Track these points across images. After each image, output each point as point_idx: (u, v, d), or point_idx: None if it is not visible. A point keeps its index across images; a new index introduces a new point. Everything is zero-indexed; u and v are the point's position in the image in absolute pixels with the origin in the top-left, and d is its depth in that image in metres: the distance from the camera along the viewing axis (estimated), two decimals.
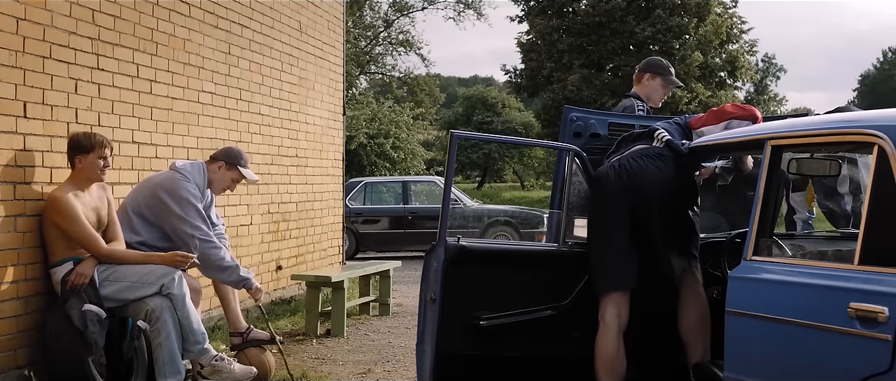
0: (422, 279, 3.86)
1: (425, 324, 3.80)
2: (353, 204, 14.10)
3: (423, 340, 3.81)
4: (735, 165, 4.62)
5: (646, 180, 3.76)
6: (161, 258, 4.63)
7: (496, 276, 3.86)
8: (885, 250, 2.65)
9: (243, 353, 5.13)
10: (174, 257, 4.63)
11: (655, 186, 3.75)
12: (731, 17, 31.46)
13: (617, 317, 3.77)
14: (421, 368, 3.85)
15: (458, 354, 3.78)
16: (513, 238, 13.65)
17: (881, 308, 2.52)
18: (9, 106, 4.32)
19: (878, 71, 62.69)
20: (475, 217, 14.33)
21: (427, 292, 3.79)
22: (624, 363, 3.75)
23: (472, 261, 3.80)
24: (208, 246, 4.81)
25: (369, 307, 7.98)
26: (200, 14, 6.19)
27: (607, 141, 4.44)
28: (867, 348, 2.55)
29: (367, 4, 35.44)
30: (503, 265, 3.94)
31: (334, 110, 8.77)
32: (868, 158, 2.84)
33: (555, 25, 30.83)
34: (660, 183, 3.76)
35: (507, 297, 3.87)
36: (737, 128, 3.85)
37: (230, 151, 5.24)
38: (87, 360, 4.33)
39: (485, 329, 3.78)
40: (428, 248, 3.84)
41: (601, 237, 3.86)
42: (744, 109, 4.03)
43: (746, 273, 3.12)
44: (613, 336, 3.74)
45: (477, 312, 3.79)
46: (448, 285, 3.68)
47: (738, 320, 3.09)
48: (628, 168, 3.82)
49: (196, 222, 4.79)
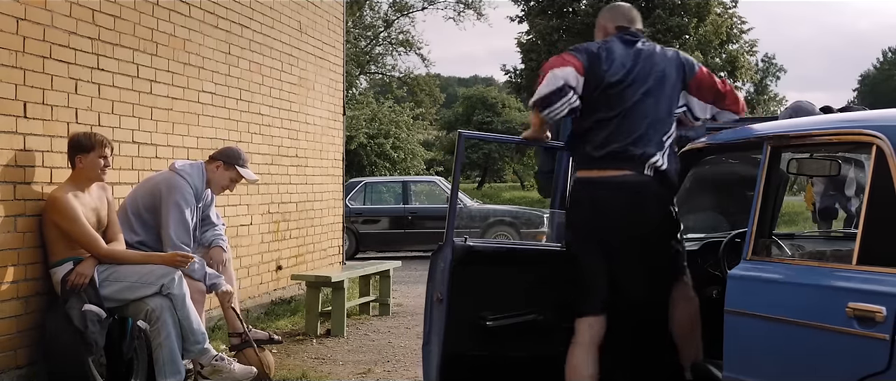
0: (428, 280, 3.82)
1: (432, 325, 3.77)
2: (353, 204, 14.10)
3: (430, 340, 3.78)
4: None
5: (617, 214, 3.49)
6: (161, 259, 4.63)
7: (502, 276, 3.85)
8: (883, 249, 2.66)
9: (243, 353, 5.13)
10: (174, 258, 4.63)
11: (628, 221, 3.48)
12: (731, 17, 31.46)
13: (588, 332, 3.58)
14: (427, 368, 3.83)
15: (465, 354, 3.77)
16: (513, 238, 13.66)
17: (879, 308, 2.52)
18: (9, 106, 4.33)
19: (878, 71, 62.67)
20: (476, 217, 14.34)
21: (433, 293, 3.76)
22: (595, 375, 3.58)
23: (480, 261, 3.78)
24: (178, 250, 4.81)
25: (369, 307, 7.99)
26: (200, 14, 6.20)
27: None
28: (865, 347, 2.55)
29: (367, 4, 35.45)
30: (509, 265, 3.92)
31: (334, 110, 8.77)
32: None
33: (555, 25, 30.81)
34: (634, 220, 3.48)
35: (513, 297, 3.86)
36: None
37: (229, 151, 5.25)
38: (87, 360, 4.33)
39: (491, 330, 3.77)
40: (434, 248, 3.80)
41: (574, 259, 3.68)
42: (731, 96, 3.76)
43: (746, 273, 3.13)
44: (583, 351, 3.57)
45: (483, 312, 3.77)
46: (455, 286, 3.67)
47: (737, 319, 3.09)
48: (601, 199, 3.53)
49: (177, 226, 4.81)
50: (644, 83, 3.53)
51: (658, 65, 3.58)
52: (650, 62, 3.58)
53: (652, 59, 3.59)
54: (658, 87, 3.56)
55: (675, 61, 3.63)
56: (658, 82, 3.57)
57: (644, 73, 3.55)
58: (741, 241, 3.33)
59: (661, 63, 3.60)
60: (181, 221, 4.82)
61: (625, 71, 3.52)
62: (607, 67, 3.51)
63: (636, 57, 3.57)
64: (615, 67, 3.51)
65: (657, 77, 3.57)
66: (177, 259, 4.63)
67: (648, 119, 3.52)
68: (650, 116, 3.53)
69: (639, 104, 3.52)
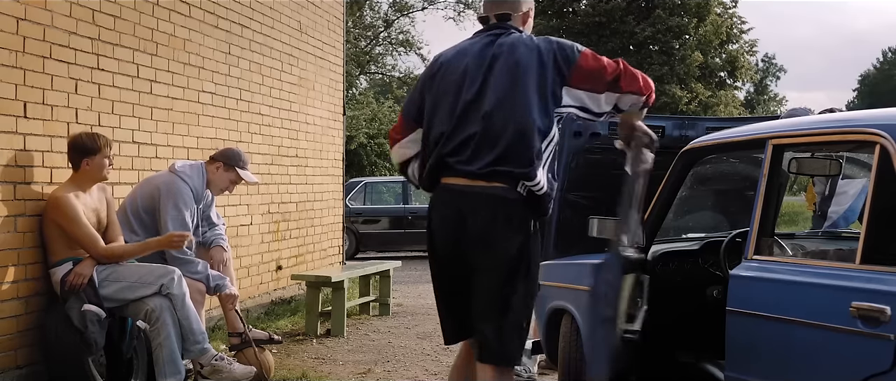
0: (594, 296, 3.47)
1: (598, 345, 3.48)
2: (353, 204, 14.09)
3: (597, 360, 3.49)
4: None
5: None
6: (158, 243, 4.63)
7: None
8: (886, 249, 2.65)
9: (243, 353, 5.12)
10: (170, 238, 4.62)
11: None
12: (731, 17, 31.44)
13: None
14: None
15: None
16: None
17: (883, 307, 2.51)
18: (9, 106, 4.32)
19: (877, 71, 62.68)
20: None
21: (603, 311, 3.39)
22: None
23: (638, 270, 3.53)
24: (180, 262, 4.81)
25: (369, 307, 7.98)
26: (200, 14, 6.19)
27: (608, 140, 4.42)
28: (869, 347, 2.55)
29: (367, 4, 35.41)
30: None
31: (334, 110, 8.77)
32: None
33: (555, 25, 30.78)
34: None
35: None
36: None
37: (229, 153, 5.24)
38: (86, 360, 4.33)
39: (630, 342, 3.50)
40: (599, 262, 3.47)
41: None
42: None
43: (747, 272, 3.12)
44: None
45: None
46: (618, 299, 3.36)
47: (739, 319, 3.09)
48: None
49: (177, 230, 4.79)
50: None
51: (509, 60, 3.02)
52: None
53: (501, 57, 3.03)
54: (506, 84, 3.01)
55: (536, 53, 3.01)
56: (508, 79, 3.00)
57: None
58: (742, 240, 3.32)
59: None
60: (182, 224, 4.82)
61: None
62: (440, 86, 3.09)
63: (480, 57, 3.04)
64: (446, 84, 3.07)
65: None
66: (173, 239, 4.61)
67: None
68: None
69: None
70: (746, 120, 4.28)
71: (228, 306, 5.05)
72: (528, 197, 2.95)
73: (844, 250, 3.68)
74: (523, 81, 2.95)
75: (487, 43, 3.08)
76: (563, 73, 2.96)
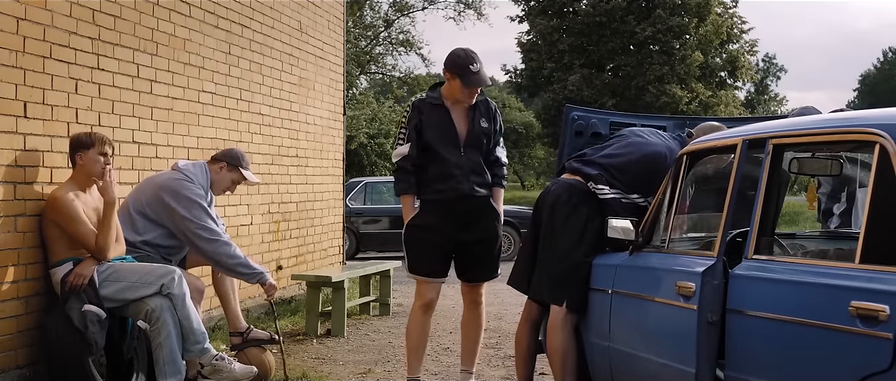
0: (700, 303, 3.26)
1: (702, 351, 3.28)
2: (354, 204, 14.10)
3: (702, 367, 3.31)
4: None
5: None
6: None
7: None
8: (886, 248, 2.65)
9: (243, 353, 5.12)
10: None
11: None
12: (732, 17, 31.46)
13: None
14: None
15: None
16: (513, 239, 13.70)
17: (882, 307, 2.51)
18: (9, 106, 4.32)
19: (878, 71, 62.67)
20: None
21: (707, 313, 3.26)
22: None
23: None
24: (218, 245, 4.84)
25: (369, 307, 7.98)
26: (200, 14, 6.19)
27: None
28: (868, 346, 2.55)
29: (367, 4, 35.42)
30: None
31: (334, 110, 8.77)
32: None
33: (555, 25, 30.82)
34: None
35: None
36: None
37: (232, 153, 5.25)
38: (87, 360, 4.33)
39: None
40: (703, 268, 3.31)
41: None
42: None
43: (748, 272, 3.12)
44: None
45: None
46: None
47: (738, 318, 3.09)
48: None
49: (203, 221, 4.82)
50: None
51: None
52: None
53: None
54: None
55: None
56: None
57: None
58: (742, 240, 3.32)
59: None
60: (201, 208, 4.83)
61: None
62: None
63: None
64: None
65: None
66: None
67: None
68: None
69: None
70: (747, 120, 4.28)
71: (270, 297, 5.12)
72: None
73: (844, 249, 3.68)
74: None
75: None
76: None
